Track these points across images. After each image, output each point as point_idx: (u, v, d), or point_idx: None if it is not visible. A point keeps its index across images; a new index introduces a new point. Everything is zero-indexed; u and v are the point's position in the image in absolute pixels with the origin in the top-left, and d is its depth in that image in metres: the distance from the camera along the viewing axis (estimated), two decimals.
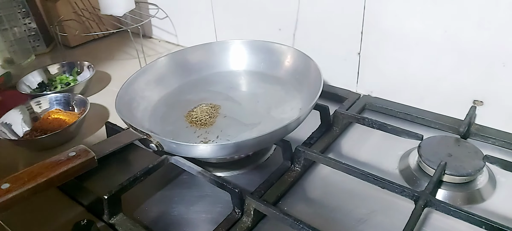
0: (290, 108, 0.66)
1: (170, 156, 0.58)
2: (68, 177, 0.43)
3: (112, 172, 0.63)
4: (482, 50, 0.61)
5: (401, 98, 0.72)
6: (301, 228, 0.45)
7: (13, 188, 0.39)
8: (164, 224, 0.53)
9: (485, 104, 0.64)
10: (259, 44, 0.77)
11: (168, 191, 0.59)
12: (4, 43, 0.99)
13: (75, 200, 0.57)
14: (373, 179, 0.51)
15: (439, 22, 0.63)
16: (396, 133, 0.60)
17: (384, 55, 0.71)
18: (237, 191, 0.50)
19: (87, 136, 0.73)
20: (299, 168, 0.58)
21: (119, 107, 0.59)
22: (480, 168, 0.53)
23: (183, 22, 1.07)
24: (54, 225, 0.54)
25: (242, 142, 0.53)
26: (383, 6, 0.67)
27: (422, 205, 0.47)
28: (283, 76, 0.73)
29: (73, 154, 0.44)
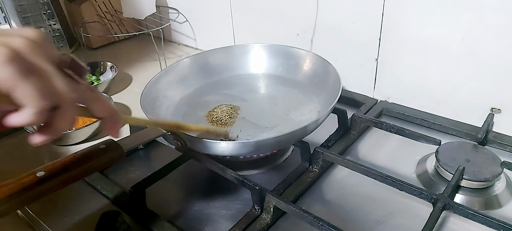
0: (308, 111, 0.67)
1: (192, 153, 0.60)
2: (98, 169, 0.45)
3: (135, 167, 0.65)
4: (500, 58, 0.61)
5: (418, 104, 0.73)
6: (320, 225, 0.46)
7: (48, 176, 0.41)
8: (186, 218, 0.55)
9: (503, 112, 0.65)
10: (278, 48, 0.79)
11: (189, 187, 0.61)
12: None
13: (100, 192, 0.59)
14: (391, 181, 0.52)
15: (458, 29, 0.63)
16: (414, 137, 0.61)
17: (402, 61, 0.72)
18: (258, 188, 0.51)
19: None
20: (317, 169, 0.59)
21: (144, 104, 0.61)
22: (498, 174, 0.54)
23: (202, 27, 1.10)
24: (81, 215, 0.56)
25: (263, 141, 0.55)
26: (401, 12, 0.69)
27: (441, 208, 0.48)
28: (302, 80, 0.75)
29: (103, 146, 0.46)
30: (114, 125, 0.39)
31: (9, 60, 0.28)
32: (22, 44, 0.29)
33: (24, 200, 0.38)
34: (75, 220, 0.55)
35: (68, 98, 0.31)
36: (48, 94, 0.30)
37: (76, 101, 0.33)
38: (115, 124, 0.39)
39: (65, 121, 0.32)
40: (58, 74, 0.31)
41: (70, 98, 0.31)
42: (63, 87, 0.31)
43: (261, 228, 0.50)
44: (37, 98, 0.29)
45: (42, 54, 0.30)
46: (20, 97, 0.28)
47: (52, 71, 0.30)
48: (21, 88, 0.28)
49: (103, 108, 0.37)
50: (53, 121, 0.31)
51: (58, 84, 0.31)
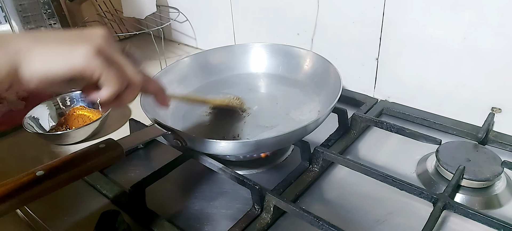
0: (308, 110, 0.67)
1: (192, 152, 0.60)
2: (98, 168, 0.45)
3: (135, 166, 0.65)
4: (501, 58, 0.61)
5: (419, 104, 0.73)
6: (320, 225, 0.46)
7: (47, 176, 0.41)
8: (185, 218, 0.55)
9: (503, 111, 0.64)
10: (278, 48, 0.79)
11: (189, 186, 0.61)
12: None
13: (100, 192, 0.59)
14: (391, 181, 0.52)
15: (459, 29, 0.63)
16: (414, 136, 0.61)
17: (402, 61, 0.72)
18: (258, 187, 0.51)
19: (109, 132, 0.76)
20: (317, 169, 0.59)
21: (144, 104, 0.61)
22: (498, 173, 0.54)
23: (203, 26, 1.10)
24: (81, 215, 0.56)
25: (263, 140, 0.55)
26: (402, 12, 0.68)
27: (441, 207, 0.48)
28: (302, 79, 0.75)
29: (103, 146, 0.46)
30: (164, 99, 0.49)
31: (97, 53, 0.35)
32: (101, 40, 0.36)
33: (24, 199, 0.38)
34: (74, 219, 0.55)
35: (136, 81, 0.40)
36: (123, 78, 0.38)
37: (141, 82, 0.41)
38: (164, 98, 0.49)
39: (132, 96, 0.42)
40: (127, 62, 0.39)
41: (138, 80, 0.41)
42: (132, 72, 0.40)
43: (261, 227, 0.50)
44: (117, 82, 0.38)
45: (114, 47, 0.38)
46: (104, 82, 0.37)
47: (124, 60, 0.39)
48: (105, 75, 0.36)
49: (155, 87, 0.47)
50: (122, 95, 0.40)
51: (129, 70, 0.39)
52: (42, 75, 0.34)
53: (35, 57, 0.34)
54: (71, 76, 0.35)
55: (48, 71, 0.34)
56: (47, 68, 0.34)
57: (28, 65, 0.33)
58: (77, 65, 0.35)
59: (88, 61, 0.35)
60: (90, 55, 0.35)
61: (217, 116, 0.68)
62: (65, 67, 0.34)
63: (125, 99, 0.41)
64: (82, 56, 0.35)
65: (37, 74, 0.34)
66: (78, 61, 0.35)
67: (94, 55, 0.35)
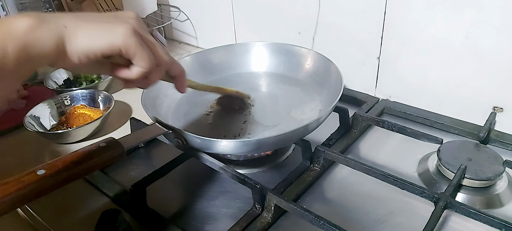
0: (309, 109, 0.67)
1: (192, 151, 0.60)
2: (99, 167, 0.45)
3: (136, 165, 0.65)
4: (503, 57, 0.61)
5: (420, 103, 0.73)
6: (321, 224, 0.46)
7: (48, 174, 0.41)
8: (186, 217, 0.55)
9: (505, 110, 0.64)
10: (280, 47, 0.78)
11: (190, 185, 0.61)
12: None
13: (101, 191, 0.59)
14: (392, 180, 0.52)
15: (460, 28, 0.63)
16: (415, 136, 0.61)
17: (404, 60, 0.72)
18: (259, 186, 0.51)
19: (110, 131, 0.76)
20: (318, 168, 0.59)
21: (145, 103, 0.61)
22: (500, 173, 0.53)
23: (204, 25, 1.10)
24: (82, 214, 0.56)
25: (263, 139, 0.55)
26: (404, 11, 0.68)
27: (442, 207, 0.48)
28: (303, 78, 0.74)
29: (104, 145, 0.46)
30: (183, 83, 0.51)
31: (133, 33, 0.38)
32: (135, 22, 0.39)
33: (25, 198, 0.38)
34: (75, 218, 0.55)
35: (164, 60, 0.43)
36: (153, 58, 0.41)
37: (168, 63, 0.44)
38: (183, 82, 0.51)
39: (159, 75, 0.44)
40: (157, 43, 0.42)
41: (166, 60, 0.43)
42: (162, 53, 0.42)
43: (262, 226, 0.50)
44: (148, 60, 0.40)
45: (145, 29, 0.41)
46: (137, 60, 0.39)
47: (154, 42, 0.42)
48: (139, 54, 0.39)
49: (178, 69, 0.48)
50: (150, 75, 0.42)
51: (159, 51, 0.42)
52: (86, 50, 0.36)
53: (80, 33, 0.36)
54: (110, 52, 0.37)
55: (91, 47, 0.37)
56: (91, 44, 0.37)
57: (74, 40, 0.36)
58: (116, 42, 0.37)
59: (126, 39, 0.37)
60: (128, 34, 0.38)
61: (218, 115, 0.68)
62: (106, 43, 0.37)
63: (152, 78, 0.43)
64: (121, 35, 0.37)
65: (82, 48, 0.36)
66: (117, 39, 0.37)
67: (131, 34, 0.38)
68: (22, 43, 0.33)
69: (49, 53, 0.35)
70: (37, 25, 0.34)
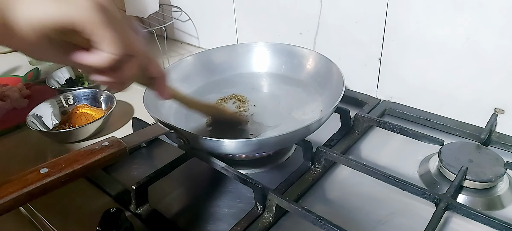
0: (311, 110, 0.67)
1: (194, 151, 0.60)
2: (101, 166, 0.45)
3: (138, 165, 0.66)
4: (504, 59, 0.61)
5: (421, 104, 0.73)
6: (323, 224, 0.46)
7: (51, 173, 0.41)
8: (188, 216, 0.55)
9: (506, 112, 0.64)
10: (281, 47, 0.79)
11: (191, 185, 0.61)
12: None
13: (103, 190, 0.59)
14: (394, 181, 0.52)
15: (461, 30, 0.63)
16: (417, 137, 0.61)
17: (405, 61, 0.72)
18: (260, 187, 0.51)
19: (112, 131, 0.76)
20: (319, 168, 0.59)
21: (147, 103, 0.61)
22: (501, 174, 0.54)
23: (205, 25, 1.10)
24: (84, 213, 0.56)
25: (265, 140, 0.55)
26: (405, 12, 0.68)
27: (443, 208, 0.48)
28: (305, 79, 0.75)
29: (106, 144, 0.46)
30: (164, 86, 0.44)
31: (98, 7, 0.31)
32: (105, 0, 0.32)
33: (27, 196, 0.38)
34: (77, 217, 0.56)
35: (139, 51, 0.36)
36: (123, 43, 0.33)
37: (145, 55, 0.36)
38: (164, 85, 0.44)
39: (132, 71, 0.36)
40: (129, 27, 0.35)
41: (141, 50, 0.36)
42: (135, 40, 0.35)
43: (263, 226, 0.50)
44: (115, 45, 0.32)
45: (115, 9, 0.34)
46: (101, 42, 0.32)
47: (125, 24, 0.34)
48: (103, 32, 0.32)
49: (157, 69, 0.42)
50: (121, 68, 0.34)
51: (131, 37, 0.34)
52: (33, 19, 0.30)
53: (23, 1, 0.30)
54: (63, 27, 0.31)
55: (39, 16, 0.30)
56: (40, 13, 0.30)
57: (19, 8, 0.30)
58: (74, 14, 0.31)
59: (86, 12, 0.31)
60: (89, 7, 0.31)
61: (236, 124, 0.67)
62: (60, 14, 0.30)
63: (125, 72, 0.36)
64: (80, 6, 0.31)
65: (29, 18, 0.30)
66: (75, 10, 0.31)
67: (94, 8, 0.31)
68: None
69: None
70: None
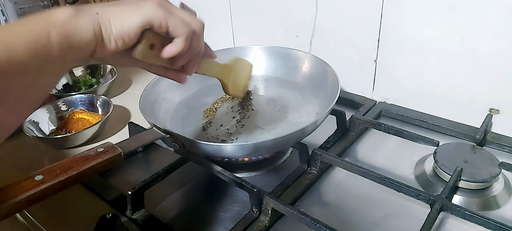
0: (307, 112, 0.67)
1: (190, 155, 0.60)
2: (97, 172, 0.45)
3: (134, 170, 0.66)
4: (499, 59, 0.61)
5: (417, 105, 0.73)
6: (318, 227, 0.46)
7: (46, 180, 0.41)
8: (184, 221, 0.55)
9: (501, 112, 0.65)
10: (277, 50, 0.79)
11: (188, 189, 0.61)
12: None
13: (99, 195, 0.59)
14: (389, 182, 0.52)
15: (456, 30, 0.64)
16: (412, 138, 0.61)
17: (401, 62, 0.72)
18: (256, 190, 0.51)
19: (109, 136, 0.76)
20: (315, 171, 0.60)
21: (142, 108, 0.61)
22: (496, 174, 0.54)
23: None
24: (80, 219, 0.56)
25: (261, 143, 0.55)
26: (400, 14, 0.69)
27: (438, 209, 0.48)
28: (300, 81, 0.75)
29: (102, 150, 0.46)
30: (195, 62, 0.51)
31: (159, 5, 0.40)
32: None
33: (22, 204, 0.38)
34: (73, 223, 0.56)
35: (199, 23, 0.44)
36: (187, 23, 0.42)
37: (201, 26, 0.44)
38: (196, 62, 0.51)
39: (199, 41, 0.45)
40: (185, 11, 0.43)
41: (200, 23, 0.44)
42: (192, 18, 0.43)
43: (259, 230, 0.50)
44: (183, 27, 0.41)
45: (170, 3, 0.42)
46: (173, 28, 0.41)
47: (182, 10, 0.42)
48: (171, 21, 0.40)
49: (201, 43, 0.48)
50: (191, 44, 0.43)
51: (189, 17, 0.42)
52: (120, 31, 0.38)
53: (112, 16, 0.38)
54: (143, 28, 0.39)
55: (124, 27, 0.38)
56: (123, 24, 0.38)
57: (108, 24, 0.38)
58: (147, 16, 0.39)
59: (155, 11, 0.39)
60: (155, 7, 0.39)
61: (216, 119, 0.68)
62: (138, 20, 0.39)
63: (194, 47, 0.45)
64: (149, 9, 0.39)
65: (116, 31, 0.38)
66: (147, 13, 0.39)
67: (158, 6, 0.40)
68: (63, 31, 0.35)
69: (88, 40, 0.37)
70: (75, 14, 0.36)
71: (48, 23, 0.35)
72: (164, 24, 0.40)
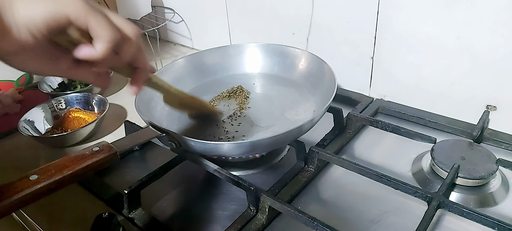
0: (303, 110, 0.67)
1: (187, 154, 0.60)
2: (92, 171, 0.45)
3: (130, 169, 0.65)
4: (496, 55, 0.61)
5: (414, 102, 0.73)
6: (315, 225, 0.46)
7: (41, 180, 0.41)
8: (181, 219, 0.55)
9: (498, 109, 0.65)
10: (273, 48, 0.79)
11: (184, 188, 0.61)
12: None
13: (95, 195, 0.59)
14: (386, 180, 0.52)
15: (453, 27, 0.63)
16: (409, 135, 0.61)
17: (397, 59, 0.72)
18: (253, 188, 0.51)
19: (105, 134, 0.75)
20: (312, 169, 0.59)
21: (138, 106, 0.61)
22: (493, 171, 0.54)
23: (198, 26, 1.10)
24: (76, 218, 0.56)
25: (258, 141, 0.55)
26: (396, 11, 0.68)
27: (435, 206, 0.48)
28: (297, 79, 0.75)
29: (97, 149, 0.46)
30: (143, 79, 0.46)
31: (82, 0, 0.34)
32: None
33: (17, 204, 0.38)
34: (70, 222, 0.55)
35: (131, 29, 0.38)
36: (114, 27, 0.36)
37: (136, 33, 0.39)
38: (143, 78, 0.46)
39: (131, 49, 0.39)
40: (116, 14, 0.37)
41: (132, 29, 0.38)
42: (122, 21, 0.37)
43: (256, 228, 0.50)
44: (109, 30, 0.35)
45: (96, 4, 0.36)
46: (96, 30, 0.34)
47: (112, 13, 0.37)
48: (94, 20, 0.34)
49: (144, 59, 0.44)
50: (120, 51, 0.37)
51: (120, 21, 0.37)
52: (29, 21, 0.32)
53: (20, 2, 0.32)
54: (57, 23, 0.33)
55: (34, 17, 0.32)
56: (35, 13, 0.32)
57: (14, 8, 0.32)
58: (64, 9, 0.33)
59: (76, 5, 0.33)
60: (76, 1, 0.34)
61: (212, 117, 0.67)
62: (53, 11, 0.33)
63: (124, 54, 0.39)
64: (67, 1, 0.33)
65: (24, 19, 0.32)
66: (65, 5, 0.33)
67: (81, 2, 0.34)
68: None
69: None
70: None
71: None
72: (86, 21, 0.34)
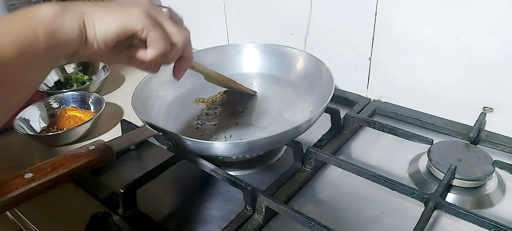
0: (301, 110, 0.67)
1: (183, 153, 0.59)
2: (88, 170, 0.44)
3: (127, 168, 0.65)
4: (493, 57, 0.61)
5: (411, 103, 0.73)
6: (312, 226, 0.46)
7: (36, 178, 0.40)
8: (177, 219, 0.54)
9: (495, 111, 0.65)
10: (271, 48, 0.78)
11: (181, 188, 0.60)
12: None
13: (91, 194, 0.58)
14: (383, 181, 0.52)
15: (450, 29, 0.64)
16: (406, 136, 0.61)
17: (395, 60, 0.72)
18: (250, 188, 0.51)
19: (101, 133, 0.75)
20: (309, 169, 0.59)
21: (135, 105, 0.61)
22: (490, 173, 0.54)
23: (196, 26, 1.09)
24: (72, 217, 0.55)
25: (255, 141, 0.55)
26: (394, 12, 0.69)
27: (432, 207, 0.48)
28: (295, 79, 0.74)
29: (93, 147, 0.45)
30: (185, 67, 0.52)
31: (145, 14, 0.40)
32: (148, 5, 0.41)
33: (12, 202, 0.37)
34: (65, 221, 0.55)
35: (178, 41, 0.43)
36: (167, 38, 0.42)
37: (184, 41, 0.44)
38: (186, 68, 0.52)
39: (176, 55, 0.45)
40: (171, 23, 0.43)
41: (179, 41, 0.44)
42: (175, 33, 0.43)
43: (253, 228, 0.50)
44: (161, 42, 0.41)
45: (158, 11, 0.42)
46: (152, 40, 0.41)
47: (168, 22, 0.43)
48: (152, 33, 0.40)
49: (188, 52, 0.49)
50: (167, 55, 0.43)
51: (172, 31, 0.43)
52: (103, 34, 0.38)
53: (97, 18, 0.38)
54: (125, 34, 0.39)
55: (108, 31, 0.38)
56: (108, 27, 0.38)
57: (93, 26, 0.38)
58: (131, 23, 0.39)
59: (140, 20, 0.39)
60: (141, 15, 0.39)
61: (209, 117, 0.67)
62: (122, 25, 0.39)
63: (170, 58, 0.45)
64: (135, 17, 0.39)
65: (100, 33, 0.38)
66: (132, 20, 0.39)
67: (145, 15, 0.40)
68: (50, 29, 0.35)
69: (74, 38, 0.37)
70: (61, 12, 0.36)
71: (35, 20, 0.35)
72: (144, 34, 0.40)
